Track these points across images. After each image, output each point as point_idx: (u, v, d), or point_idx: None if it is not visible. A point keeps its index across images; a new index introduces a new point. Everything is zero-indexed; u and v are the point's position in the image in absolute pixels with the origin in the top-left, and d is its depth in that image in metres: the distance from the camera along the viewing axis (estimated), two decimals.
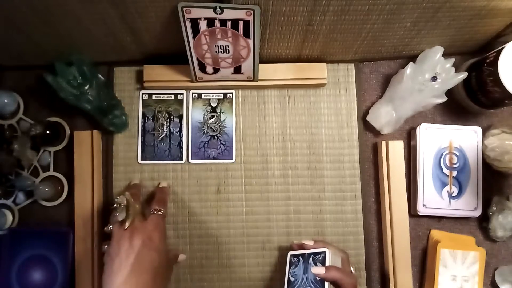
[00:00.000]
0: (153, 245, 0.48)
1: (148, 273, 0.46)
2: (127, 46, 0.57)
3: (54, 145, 0.60)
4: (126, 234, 0.47)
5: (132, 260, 0.45)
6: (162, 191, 0.58)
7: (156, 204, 0.53)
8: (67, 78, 0.53)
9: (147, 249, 0.47)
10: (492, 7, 0.50)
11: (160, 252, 0.48)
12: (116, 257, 0.46)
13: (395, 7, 0.48)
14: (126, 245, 0.46)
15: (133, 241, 0.47)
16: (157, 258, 0.47)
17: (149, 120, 0.61)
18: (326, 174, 0.61)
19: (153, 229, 0.49)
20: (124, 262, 0.45)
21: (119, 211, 0.48)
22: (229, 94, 0.62)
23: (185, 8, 0.45)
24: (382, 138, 0.62)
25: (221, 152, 0.61)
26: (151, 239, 0.48)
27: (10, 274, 0.57)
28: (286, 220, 0.60)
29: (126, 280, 0.44)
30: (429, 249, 0.60)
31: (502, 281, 0.60)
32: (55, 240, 0.58)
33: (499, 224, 0.58)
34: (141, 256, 0.46)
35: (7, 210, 0.59)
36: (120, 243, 0.47)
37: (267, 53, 0.59)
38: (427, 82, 0.55)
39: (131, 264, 0.45)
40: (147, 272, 0.46)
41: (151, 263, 0.46)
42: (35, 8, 0.46)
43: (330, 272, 0.47)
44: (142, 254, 0.46)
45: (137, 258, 0.46)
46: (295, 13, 0.48)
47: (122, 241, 0.47)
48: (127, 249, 0.46)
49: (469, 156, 0.60)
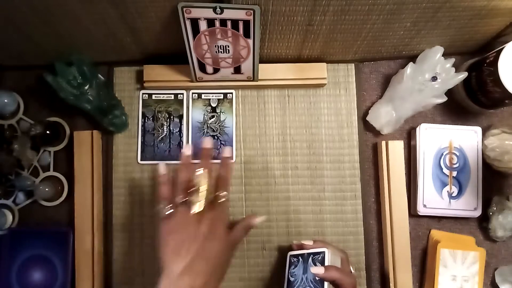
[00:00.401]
0: (217, 235, 0.47)
1: (210, 263, 0.45)
2: (127, 46, 0.57)
3: (54, 145, 0.60)
4: (193, 220, 0.46)
5: (196, 249, 0.44)
6: (226, 167, 0.52)
7: (221, 187, 0.50)
8: (67, 78, 0.53)
9: (211, 238, 0.46)
10: (492, 7, 0.50)
11: (222, 241, 0.47)
12: (180, 242, 0.45)
13: (395, 7, 0.48)
14: (192, 231, 0.45)
15: (200, 229, 0.46)
16: (219, 249, 0.46)
17: (149, 120, 0.61)
18: (326, 174, 0.61)
19: (218, 218, 0.48)
20: (187, 249, 0.44)
21: (195, 195, 0.47)
22: (229, 94, 0.62)
23: (185, 8, 0.45)
24: (382, 138, 0.62)
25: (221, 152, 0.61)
26: (216, 228, 0.47)
27: (10, 274, 0.57)
28: (286, 220, 0.60)
29: (186, 269, 0.43)
30: (429, 249, 0.60)
31: (502, 281, 0.60)
32: (55, 240, 0.58)
33: (499, 224, 0.58)
34: (204, 246, 0.45)
35: (7, 210, 0.59)
36: (186, 229, 0.46)
37: (267, 53, 0.59)
38: (427, 82, 0.55)
39: (194, 252, 0.44)
40: (208, 262, 0.45)
41: (213, 253, 0.46)
42: (35, 8, 0.46)
43: (329, 272, 0.47)
44: (205, 244, 0.45)
45: (201, 247, 0.45)
46: (295, 13, 0.48)
47: (188, 227, 0.46)
48: (193, 236, 0.45)
49: (469, 156, 0.60)
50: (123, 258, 0.59)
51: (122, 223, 0.60)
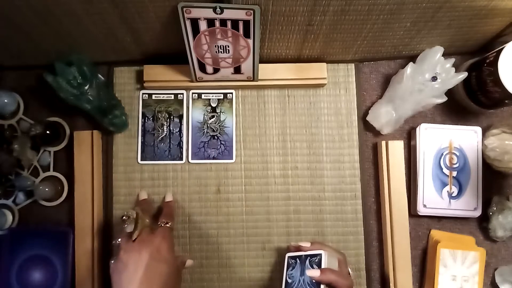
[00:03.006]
0: (161, 257, 0.48)
1: (158, 285, 0.45)
2: (127, 46, 0.57)
3: (54, 145, 0.60)
4: (134, 246, 0.47)
5: (141, 273, 0.45)
6: (169, 205, 0.58)
7: (164, 217, 0.53)
8: (67, 78, 0.52)
9: (156, 261, 0.47)
10: (492, 7, 0.50)
11: (169, 263, 0.48)
12: (124, 270, 0.45)
13: (395, 7, 0.48)
14: (134, 257, 0.46)
15: (142, 254, 0.46)
16: (166, 270, 0.47)
17: (149, 120, 0.61)
18: (326, 174, 0.61)
19: (161, 241, 0.49)
20: (133, 275, 0.45)
21: (128, 223, 0.48)
22: (229, 94, 0.62)
23: (185, 8, 0.45)
24: (382, 138, 0.62)
25: (221, 152, 0.61)
26: (159, 251, 0.48)
27: (10, 274, 0.57)
28: (286, 220, 0.60)
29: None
30: (429, 249, 0.60)
31: (502, 281, 0.60)
32: (55, 240, 0.58)
33: (499, 224, 0.58)
34: (150, 269, 0.46)
35: (7, 210, 0.59)
36: (128, 255, 0.46)
37: (267, 53, 0.59)
38: (427, 82, 0.55)
39: (140, 277, 0.45)
40: (156, 284, 0.45)
41: (160, 275, 0.46)
42: (35, 8, 0.46)
43: (325, 275, 0.47)
44: (151, 267, 0.46)
45: (146, 270, 0.45)
46: (295, 13, 0.48)
47: (130, 253, 0.46)
48: (136, 261, 0.46)
49: (469, 156, 0.60)
50: None
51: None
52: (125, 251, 0.47)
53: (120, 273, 0.45)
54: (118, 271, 0.46)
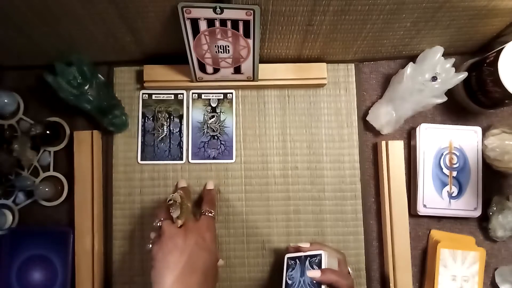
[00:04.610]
0: (206, 246, 0.48)
1: (200, 273, 0.45)
2: (127, 46, 0.57)
3: (54, 145, 0.60)
4: (180, 232, 0.47)
5: (186, 259, 0.45)
6: (210, 193, 0.58)
7: (207, 205, 0.53)
8: (67, 78, 0.52)
9: (200, 249, 0.47)
10: (492, 7, 0.50)
11: (212, 252, 0.48)
12: (169, 254, 0.45)
13: (395, 7, 0.48)
14: (179, 243, 0.46)
15: (187, 240, 0.46)
16: (209, 259, 0.47)
17: (149, 120, 0.61)
18: (326, 174, 0.61)
19: (206, 230, 0.49)
20: (177, 260, 0.45)
21: (174, 208, 0.47)
22: (229, 94, 0.62)
23: (185, 8, 0.45)
24: (382, 138, 0.62)
25: (221, 152, 0.61)
26: (204, 239, 0.48)
27: (10, 274, 0.57)
28: (286, 220, 0.60)
29: (178, 279, 0.43)
30: (429, 249, 0.60)
31: (502, 281, 0.60)
32: (55, 240, 0.58)
33: (499, 224, 0.58)
34: (194, 256, 0.46)
35: (7, 210, 0.59)
36: (173, 241, 0.46)
37: (267, 53, 0.59)
38: (427, 82, 0.55)
39: (184, 262, 0.45)
40: (199, 272, 0.45)
41: (203, 263, 0.46)
42: (35, 8, 0.46)
43: (326, 275, 0.47)
44: (195, 254, 0.46)
45: (190, 257, 0.45)
46: (295, 13, 0.48)
47: (175, 239, 0.46)
48: (181, 247, 0.45)
49: (469, 156, 0.60)
50: (123, 258, 0.59)
51: (122, 223, 0.60)
52: (170, 235, 0.46)
53: (164, 256, 0.45)
54: (162, 253, 0.45)
